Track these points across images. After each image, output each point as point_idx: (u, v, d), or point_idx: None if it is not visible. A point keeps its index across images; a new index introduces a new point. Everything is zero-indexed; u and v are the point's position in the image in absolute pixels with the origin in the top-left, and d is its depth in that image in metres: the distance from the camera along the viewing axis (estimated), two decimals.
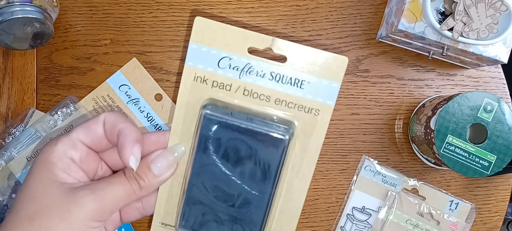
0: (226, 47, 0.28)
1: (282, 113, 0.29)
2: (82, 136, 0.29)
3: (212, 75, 0.28)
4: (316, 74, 0.28)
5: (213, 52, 0.28)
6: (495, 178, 0.54)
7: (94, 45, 0.53)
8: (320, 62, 0.28)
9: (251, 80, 0.28)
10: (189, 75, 0.29)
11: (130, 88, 0.53)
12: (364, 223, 0.53)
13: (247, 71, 0.28)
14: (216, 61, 0.28)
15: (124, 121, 0.29)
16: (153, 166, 0.29)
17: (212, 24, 0.28)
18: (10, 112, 0.52)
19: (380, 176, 0.53)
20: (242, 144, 0.29)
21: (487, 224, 0.54)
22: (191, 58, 0.28)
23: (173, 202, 0.31)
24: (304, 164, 0.30)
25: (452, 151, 0.45)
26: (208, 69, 0.28)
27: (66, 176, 0.28)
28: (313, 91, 0.28)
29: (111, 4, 0.54)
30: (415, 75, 0.54)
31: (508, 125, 0.45)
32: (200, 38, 0.28)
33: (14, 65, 0.53)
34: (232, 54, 0.28)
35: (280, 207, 0.31)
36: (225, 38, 0.28)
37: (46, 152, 0.29)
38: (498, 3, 0.44)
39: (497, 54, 0.48)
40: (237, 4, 0.54)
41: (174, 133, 0.30)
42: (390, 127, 0.54)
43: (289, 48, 0.28)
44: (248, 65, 0.28)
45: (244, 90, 0.29)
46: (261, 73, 0.28)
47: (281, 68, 0.28)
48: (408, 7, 0.47)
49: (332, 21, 0.54)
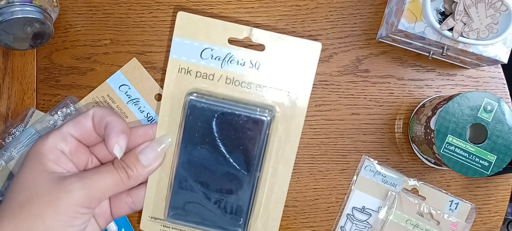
0: (208, 39, 0.29)
1: (263, 99, 0.30)
2: (72, 130, 0.30)
3: (196, 66, 0.30)
4: (292, 61, 0.30)
5: (195, 44, 0.30)
6: (495, 178, 0.54)
7: (94, 45, 0.53)
8: (295, 49, 0.29)
9: (233, 69, 0.30)
10: (174, 68, 0.30)
11: (130, 88, 0.53)
12: (364, 223, 0.53)
13: (228, 60, 0.30)
14: (199, 52, 0.30)
15: (111, 114, 0.30)
16: (141, 156, 0.30)
17: (193, 18, 0.29)
18: (10, 112, 0.52)
19: (380, 176, 0.53)
20: (226, 126, 0.30)
21: (487, 224, 0.54)
22: (175, 51, 0.30)
23: (162, 195, 0.32)
24: (287, 148, 0.31)
25: (452, 151, 0.45)
26: (192, 61, 0.30)
27: (56, 166, 0.29)
28: (291, 76, 0.30)
29: (111, 4, 0.54)
30: (415, 75, 0.54)
31: (508, 125, 0.45)
32: (183, 32, 0.29)
33: (14, 65, 0.53)
34: (213, 45, 0.30)
35: (266, 193, 0.32)
36: (206, 30, 0.29)
37: (37, 145, 0.30)
38: (498, 3, 0.44)
39: (497, 54, 0.48)
40: (237, 4, 0.54)
41: (161, 124, 0.31)
42: (390, 127, 0.54)
43: (266, 37, 0.30)
44: (229, 55, 0.30)
45: (226, 79, 0.30)
46: (241, 62, 0.30)
47: (260, 56, 0.30)
48: (408, 7, 0.47)
49: (332, 21, 0.54)
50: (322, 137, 0.54)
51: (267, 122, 0.29)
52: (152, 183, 0.32)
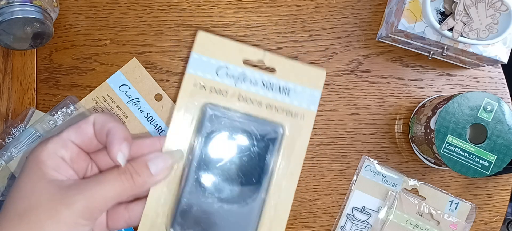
0: (224, 58, 0.31)
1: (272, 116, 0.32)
2: (73, 136, 0.30)
3: (210, 82, 0.31)
4: (300, 84, 0.32)
5: (212, 62, 0.31)
6: (495, 178, 0.54)
7: (94, 45, 0.53)
8: (303, 73, 0.32)
9: (245, 87, 0.32)
10: (189, 81, 0.31)
11: (130, 88, 0.53)
12: (364, 223, 0.53)
13: (241, 79, 0.32)
14: (215, 70, 0.31)
15: (113, 120, 0.30)
16: (150, 164, 0.29)
17: (212, 38, 0.31)
18: (10, 112, 0.52)
19: (380, 176, 0.53)
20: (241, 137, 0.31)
21: (487, 224, 0.54)
22: (192, 66, 0.31)
23: (161, 212, 0.32)
24: (291, 164, 0.32)
25: (452, 151, 0.45)
26: (207, 77, 0.31)
27: (56, 174, 0.29)
28: (298, 98, 0.32)
29: (111, 4, 0.54)
30: (415, 75, 0.54)
31: (508, 125, 0.45)
32: (202, 49, 0.31)
33: (14, 65, 0.53)
34: (229, 64, 0.31)
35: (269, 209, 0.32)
36: (223, 50, 0.31)
37: (37, 151, 0.29)
38: (498, 3, 0.44)
39: (497, 54, 0.48)
40: (237, 4, 0.54)
41: (172, 132, 0.31)
42: (390, 127, 0.54)
43: (278, 61, 0.32)
44: (243, 74, 0.32)
45: (239, 96, 0.32)
46: (254, 81, 0.32)
47: (271, 78, 0.32)
48: (408, 7, 0.47)
49: (332, 21, 0.54)
50: (322, 137, 0.54)
51: (280, 134, 0.31)
52: (152, 198, 0.31)
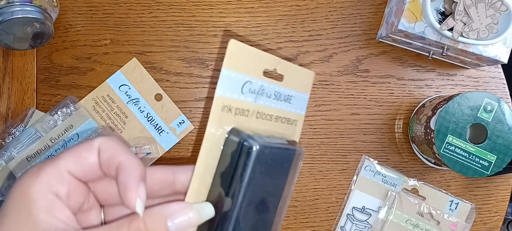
0: (248, 71, 0.27)
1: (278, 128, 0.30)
2: (72, 166, 0.24)
3: (235, 103, 0.27)
4: (297, 89, 0.30)
5: (239, 78, 0.27)
6: (495, 178, 0.54)
7: (94, 45, 0.53)
8: (299, 77, 0.30)
9: (262, 102, 0.28)
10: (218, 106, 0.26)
11: (130, 88, 0.53)
12: (364, 223, 0.53)
13: (260, 93, 0.28)
14: (241, 86, 0.27)
15: (124, 151, 0.24)
16: (170, 221, 0.23)
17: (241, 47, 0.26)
18: (10, 112, 0.52)
19: (380, 176, 0.53)
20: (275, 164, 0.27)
21: (487, 224, 0.54)
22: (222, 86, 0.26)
23: None
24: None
25: (452, 151, 0.45)
26: (233, 97, 0.26)
27: (49, 218, 0.22)
28: (296, 104, 0.30)
29: (111, 4, 0.54)
30: (415, 75, 0.54)
31: (508, 125, 0.45)
32: (232, 63, 0.26)
33: (14, 65, 0.53)
34: (252, 78, 0.27)
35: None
36: (248, 61, 0.27)
37: (26, 184, 0.23)
38: (498, 3, 0.44)
39: (497, 54, 0.48)
40: (237, 4, 0.54)
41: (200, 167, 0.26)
42: (390, 127, 0.54)
43: (287, 68, 0.29)
44: (262, 88, 0.28)
45: (257, 113, 0.28)
46: (268, 93, 0.28)
47: (280, 87, 0.29)
48: (408, 7, 0.47)
49: (332, 21, 0.54)
50: (322, 137, 0.54)
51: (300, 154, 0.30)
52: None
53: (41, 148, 0.49)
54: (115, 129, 0.52)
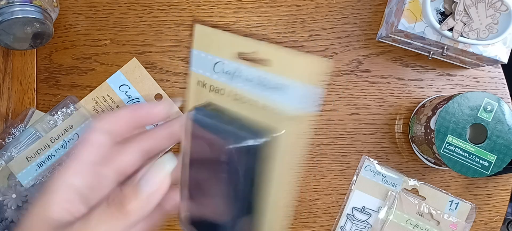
0: (219, 52, 0.29)
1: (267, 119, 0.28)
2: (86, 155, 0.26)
3: (209, 80, 0.29)
4: (299, 79, 0.27)
5: (209, 57, 0.29)
6: (495, 178, 0.54)
7: (94, 45, 0.53)
8: (303, 66, 0.27)
9: (241, 84, 0.28)
10: (194, 81, 0.30)
11: (130, 88, 0.53)
12: (364, 223, 0.53)
13: (237, 75, 0.28)
14: (212, 65, 0.29)
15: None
16: (142, 182, 0.25)
17: (207, 30, 0.29)
18: (10, 112, 0.52)
19: (380, 176, 0.53)
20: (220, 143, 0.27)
21: (487, 224, 0.54)
22: (194, 64, 0.29)
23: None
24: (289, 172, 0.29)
25: (452, 151, 0.45)
26: (206, 74, 0.29)
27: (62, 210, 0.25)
28: (296, 96, 0.27)
29: (111, 4, 0.54)
30: (415, 75, 0.54)
31: (508, 125, 0.45)
32: (199, 45, 0.29)
33: (14, 65, 0.53)
34: (224, 59, 0.29)
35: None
36: (218, 43, 0.29)
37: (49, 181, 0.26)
38: (498, 3, 0.44)
39: (497, 54, 0.48)
40: (237, 4, 0.54)
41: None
42: (390, 127, 0.54)
43: (273, 52, 0.27)
44: (238, 70, 0.28)
45: (235, 95, 0.28)
46: (249, 77, 0.28)
47: (267, 73, 0.27)
48: (408, 7, 0.47)
49: (332, 21, 0.54)
50: (322, 137, 0.54)
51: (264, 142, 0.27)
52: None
53: (41, 148, 0.49)
54: None
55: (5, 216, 0.49)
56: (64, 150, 0.49)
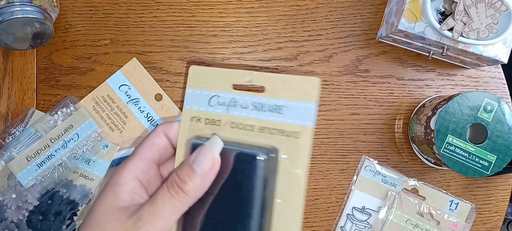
0: (214, 87, 0.31)
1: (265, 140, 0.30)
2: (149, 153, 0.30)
3: (204, 114, 0.31)
4: (292, 98, 0.29)
5: (204, 93, 0.31)
6: (495, 178, 0.54)
7: (94, 45, 0.53)
8: (294, 86, 0.29)
9: (237, 113, 0.30)
10: (187, 117, 0.31)
11: (130, 88, 0.53)
12: (364, 223, 0.53)
13: (233, 105, 0.30)
14: (207, 100, 0.31)
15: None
16: (195, 165, 0.28)
17: (202, 69, 0.31)
18: (10, 112, 0.52)
19: (380, 176, 0.53)
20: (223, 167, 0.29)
21: (487, 224, 0.54)
22: (188, 102, 0.31)
23: None
24: (294, 193, 0.29)
25: (452, 151, 0.45)
26: (201, 109, 0.31)
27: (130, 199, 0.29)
28: (291, 114, 0.29)
29: (111, 4, 0.54)
30: (415, 75, 0.54)
31: (508, 125, 0.45)
32: (193, 83, 0.31)
33: (14, 65, 0.53)
34: (219, 92, 0.31)
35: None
36: (213, 79, 0.31)
37: (115, 174, 0.30)
38: (498, 3, 0.44)
39: (497, 54, 0.48)
40: (237, 4, 0.54)
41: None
42: (390, 127, 0.54)
43: (266, 78, 0.30)
44: (233, 100, 0.30)
45: (231, 123, 0.30)
46: (245, 105, 0.30)
47: (261, 98, 0.30)
48: (408, 7, 0.47)
49: (332, 21, 0.54)
50: (322, 137, 0.54)
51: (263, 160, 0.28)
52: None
53: (41, 148, 0.49)
54: (115, 129, 0.52)
55: (5, 216, 0.49)
56: (64, 150, 0.49)
